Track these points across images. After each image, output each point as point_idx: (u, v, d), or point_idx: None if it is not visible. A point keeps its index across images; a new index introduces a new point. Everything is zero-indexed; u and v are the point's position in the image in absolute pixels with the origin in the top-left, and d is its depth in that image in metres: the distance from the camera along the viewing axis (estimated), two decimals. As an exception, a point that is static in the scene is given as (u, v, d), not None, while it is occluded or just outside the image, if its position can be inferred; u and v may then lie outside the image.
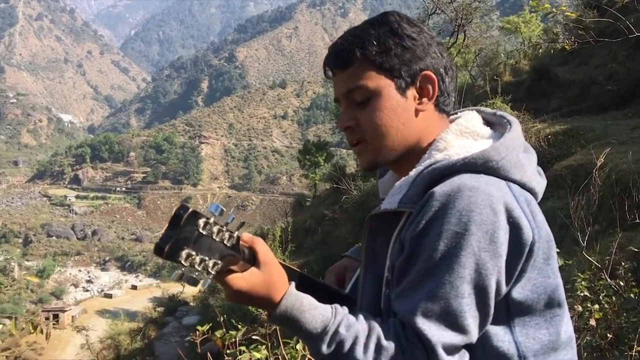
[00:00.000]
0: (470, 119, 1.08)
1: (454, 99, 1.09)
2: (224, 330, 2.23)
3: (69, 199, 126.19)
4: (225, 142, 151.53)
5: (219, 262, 0.88)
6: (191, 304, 27.45)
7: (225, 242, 0.88)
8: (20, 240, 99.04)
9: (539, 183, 1.04)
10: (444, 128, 1.07)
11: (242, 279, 0.94)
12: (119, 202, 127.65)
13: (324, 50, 1.08)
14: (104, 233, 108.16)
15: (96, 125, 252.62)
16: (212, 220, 0.87)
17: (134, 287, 71.51)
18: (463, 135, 1.04)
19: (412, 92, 1.04)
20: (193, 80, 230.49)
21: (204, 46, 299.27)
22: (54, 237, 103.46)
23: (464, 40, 17.99)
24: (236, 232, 0.90)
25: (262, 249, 0.97)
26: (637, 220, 3.31)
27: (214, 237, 0.87)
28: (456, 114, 1.13)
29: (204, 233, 0.85)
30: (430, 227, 0.90)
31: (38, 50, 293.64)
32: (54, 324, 41.61)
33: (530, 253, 0.92)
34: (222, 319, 2.57)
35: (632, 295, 2.86)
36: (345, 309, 0.98)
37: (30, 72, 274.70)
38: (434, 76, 1.03)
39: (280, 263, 1.02)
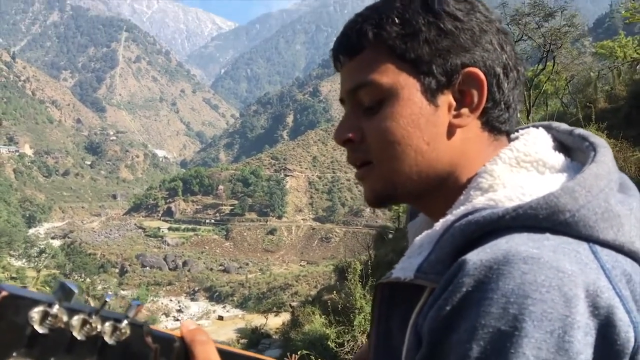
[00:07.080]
0: (533, 140, 0.71)
1: (516, 114, 0.73)
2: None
3: (162, 231, 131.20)
4: (309, 175, 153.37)
5: None
6: (274, 336, 27.50)
7: (106, 336, 0.49)
8: (117, 270, 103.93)
9: None
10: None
11: None
12: (208, 233, 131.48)
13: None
14: (193, 264, 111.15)
15: (188, 160, 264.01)
16: (55, 308, 0.46)
17: (221, 318, 72.82)
18: (521, 165, 0.68)
19: (446, 98, 0.69)
20: (279, 115, 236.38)
21: (289, 82, 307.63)
22: (147, 267, 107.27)
23: (553, 66, 17.23)
24: (125, 321, 0.50)
25: (201, 351, 0.55)
26: None
27: (75, 333, 0.47)
28: (517, 132, 0.76)
29: (43, 332, 0.46)
30: (460, 318, 0.54)
31: (136, 90, 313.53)
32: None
33: None
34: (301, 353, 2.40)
35: None
36: None
37: (128, 111, 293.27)
38: (482, 76, 0.68)
39: (248, 355, 0.66)
